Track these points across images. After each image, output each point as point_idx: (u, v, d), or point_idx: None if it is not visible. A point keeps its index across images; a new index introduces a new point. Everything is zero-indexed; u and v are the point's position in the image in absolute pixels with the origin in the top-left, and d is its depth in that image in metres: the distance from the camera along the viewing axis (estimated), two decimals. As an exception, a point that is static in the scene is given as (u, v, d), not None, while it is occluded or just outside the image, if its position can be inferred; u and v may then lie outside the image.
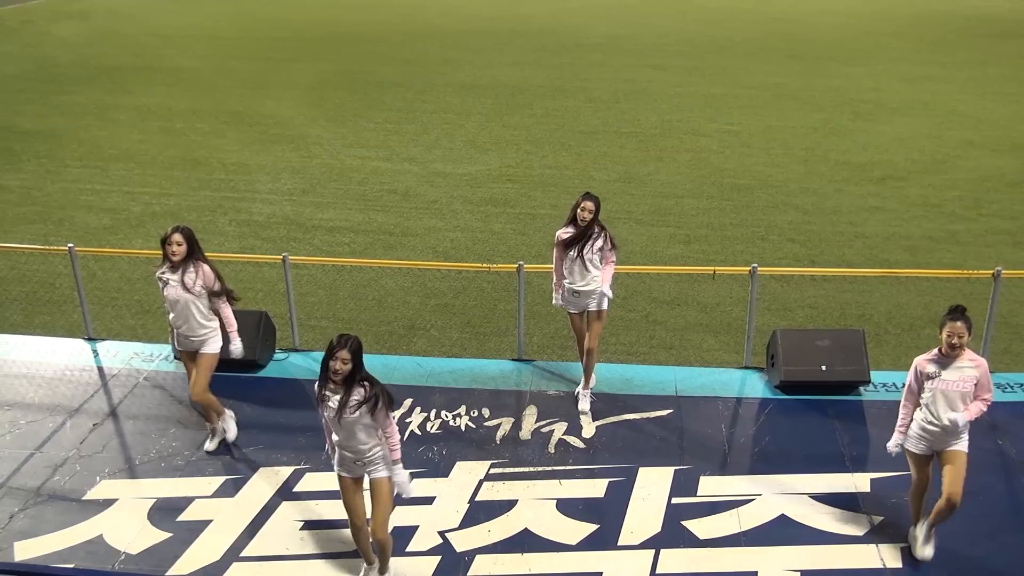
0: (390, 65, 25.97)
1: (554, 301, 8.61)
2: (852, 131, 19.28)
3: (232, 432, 8.17)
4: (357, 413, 6.02)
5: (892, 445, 6.72)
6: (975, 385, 6.37)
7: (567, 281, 8.38)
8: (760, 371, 9.38)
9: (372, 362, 9.62)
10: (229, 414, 8.22)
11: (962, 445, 6.47)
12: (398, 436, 6.24)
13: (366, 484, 6.33)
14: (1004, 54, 27.71)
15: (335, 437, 6.20)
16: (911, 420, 6.63)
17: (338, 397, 6.05)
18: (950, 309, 6.36)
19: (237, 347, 7.88)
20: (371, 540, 6.39)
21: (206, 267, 7.72)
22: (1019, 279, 11.03)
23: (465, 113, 20.81)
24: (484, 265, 11.16)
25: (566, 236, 8.29)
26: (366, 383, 6.07)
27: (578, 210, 8.18)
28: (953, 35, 31.04)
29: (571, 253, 8.26)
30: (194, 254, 7.68)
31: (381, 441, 6.17)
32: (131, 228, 14.05)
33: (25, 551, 6.90)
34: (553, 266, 8.54)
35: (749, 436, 8.32)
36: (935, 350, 6.48)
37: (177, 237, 7.59)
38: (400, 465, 6.23)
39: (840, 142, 18.47)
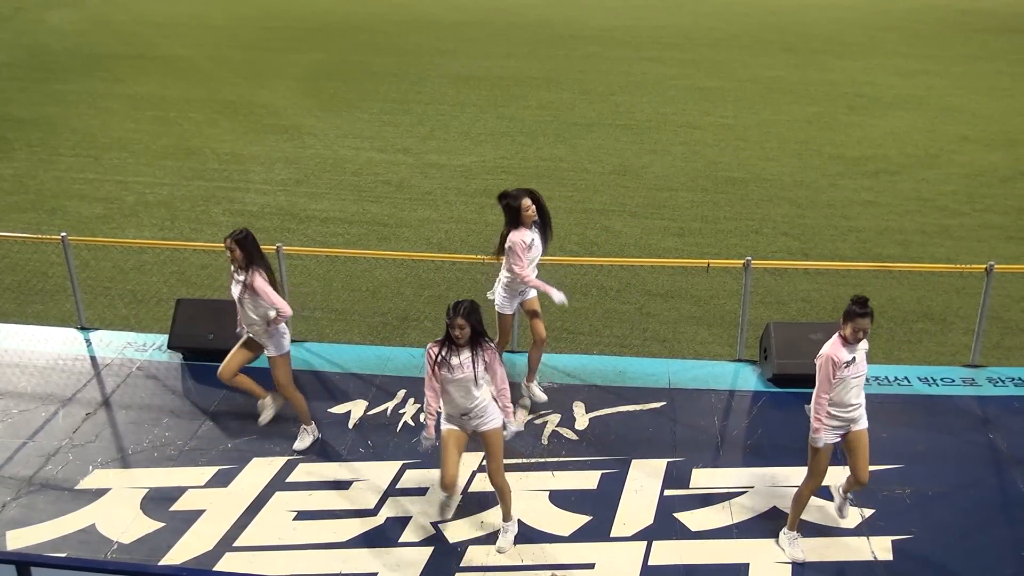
0: (385, 55, 25.90)
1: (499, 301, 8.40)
2: (846, 125, 19.30)
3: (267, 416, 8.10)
4: (482, 368, 6.50)
5: (830, 439, 6.58)
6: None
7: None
8: (753, 364, 9.40)
9: (366, 353, 9.69)
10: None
11: (865, 423, 6.61)
12: (509, 387, 6.83)
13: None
14: (999, 49, 27.75)
15: (454, 397, 6.60)
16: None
17: (465, 358, 6.49)
18: (858, 301, 6.31)
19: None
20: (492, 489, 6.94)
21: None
22: (1011, 274, 11.08)
23: (460, 104, 20.77)
24: (478, 256, 11.14)
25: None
26: (486, 341, 6.59)
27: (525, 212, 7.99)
28: (948, 30, 31.05)
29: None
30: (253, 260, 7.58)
31: (491, 395, 6.71)
32: (124, 217, 14.01)
33: (17, 540, 6.90)
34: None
35: (742, 429, 8.35)
36: (837, 339, 6.39)
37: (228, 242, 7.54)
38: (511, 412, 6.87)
39: (834, 136, 18.49)
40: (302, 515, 7.24)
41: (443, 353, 6.54)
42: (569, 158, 17.06)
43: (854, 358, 6.41)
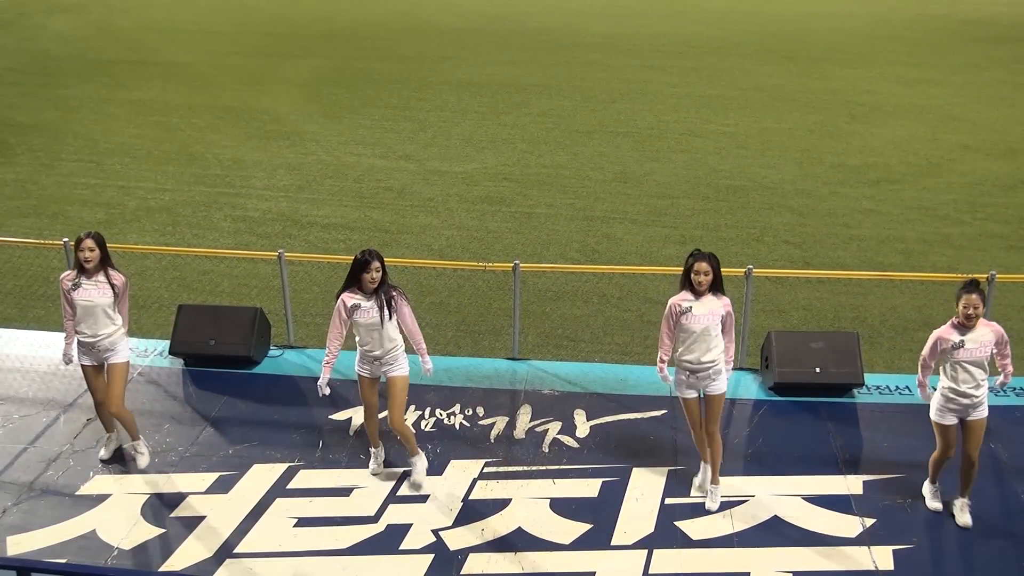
0: (386, 62, 25.95)
1: None
2: (847, 134, 19.33)
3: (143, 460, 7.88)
4: (388, 312, 7.08)
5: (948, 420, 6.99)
6: (994, 347, 6.88)
7: None
8: (754, 372, 9.40)
9: (367, 360, 9.65)
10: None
11: (984, 412, 6.96)
12: (420, 332, 7.42)
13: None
14: (1000, 59, 27.79)
15: (366, 341, 7.20)
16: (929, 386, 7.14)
17: (372, 303, 7.09)
18: (966, 283, 6.83)
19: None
20: (393, 433, 7.55)
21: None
22: (1013, 283, 11.08)
23: (462, 111, 20.80)
24: (479, 264, 11.15)
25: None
26: (393, 288, 7.18)
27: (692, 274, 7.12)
28: (949, 39, 31.11)
29: None
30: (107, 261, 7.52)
31: (400, 341, 7.29)
32: (126, 223, 14.02)
33: (17, 546, 6.89)
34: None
35: (743, 437, 8.34)
36: (950, 324, 6.88)
37: (89, 243, 7.41)
38: (428, 360, 7.46)
39: (835, 144, 18.52)
40: (303, 522, 7.23)
41: (356, 299, 7.11)
42: (570, 165, 17.08)
43: (963, 341, 6.75)
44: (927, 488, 7.43)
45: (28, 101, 21.21)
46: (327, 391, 7.36)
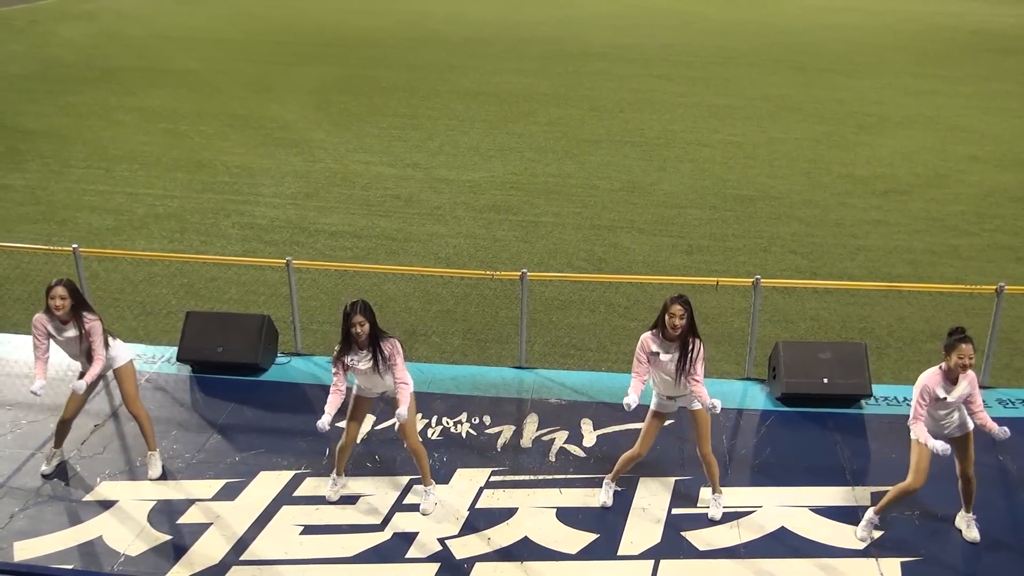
0: (394, 71, 26.02)
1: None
2: (855, 144, 19.31)
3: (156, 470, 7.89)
4: (382, 362, 6.96)
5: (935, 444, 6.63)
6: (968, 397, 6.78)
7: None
8: (762, 383, 9.38)
9: (374, 367, 9.66)
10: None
11: (968, 427, 6.94)
12: (410, 385, 7.12)
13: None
14: (1008, 70, 27.76)
15: (363, 385, 7.22)
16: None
17: (365, 356, 6.98)
18: (959, 331, 6.60)
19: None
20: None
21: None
22: (1021, 295, 11.03)
23: (469, 120, 20.84)
24: (486, 272, 11.15)
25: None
26: (384, 339, 7.01)
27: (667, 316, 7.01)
28: (957, 50, 31.09)
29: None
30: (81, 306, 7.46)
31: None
32: (134, 229, 14.06)
33: (25, 551, 6.90)
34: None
35: (750, 448, 8.32)
36: (938, 371, 6.71)
37: (60, 291, 7.32)
38: (404, 408, 6.94)
39: (843, 155, 18.50)
40: (309, 529, 7.23)
41: (346, 352, 7.04)
42: (578, 174, 17.09)
43: (946, 398, 6.66)
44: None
45: (38, 107, 21.32)
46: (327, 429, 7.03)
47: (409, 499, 7.58)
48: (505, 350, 10.41)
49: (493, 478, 7.84)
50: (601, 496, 7.54)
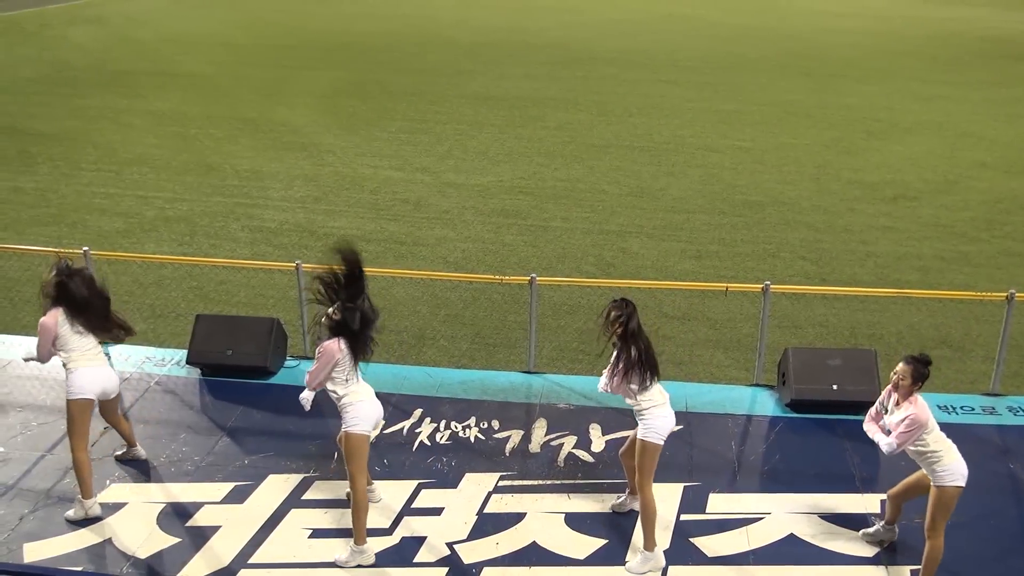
0: (403, 75, 26.08)
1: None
2: (864, 150, 19.28)
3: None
4: None
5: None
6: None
7: None
8: (770, 389, 9.36)
9: (381, 371, 9.68)
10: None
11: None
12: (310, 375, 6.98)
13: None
14: (1018, 75, 27.70)
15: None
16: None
17: None
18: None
19: None
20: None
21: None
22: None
23: (478, 124, 20.87)
24: (495, 277, 11.16)
25: None
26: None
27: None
28: (967, 56, 31.03)
29: None
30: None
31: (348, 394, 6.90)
32: (144, 232, 14.11)
33: (34, 553, 6.92)
34: None
35: (759, 454, 8.30)
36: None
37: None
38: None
39: (852, 161, 18.47)
40: (317, 533, 7.23)
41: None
42: (586, 179, 17.10)
43: (884, 412, 6.84)
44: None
45: (49, 111, 21.41)
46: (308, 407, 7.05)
47: (417, 503, 7.57)
48: (514, 355, 10.41)
49: (502, 483, 7.83)
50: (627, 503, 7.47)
